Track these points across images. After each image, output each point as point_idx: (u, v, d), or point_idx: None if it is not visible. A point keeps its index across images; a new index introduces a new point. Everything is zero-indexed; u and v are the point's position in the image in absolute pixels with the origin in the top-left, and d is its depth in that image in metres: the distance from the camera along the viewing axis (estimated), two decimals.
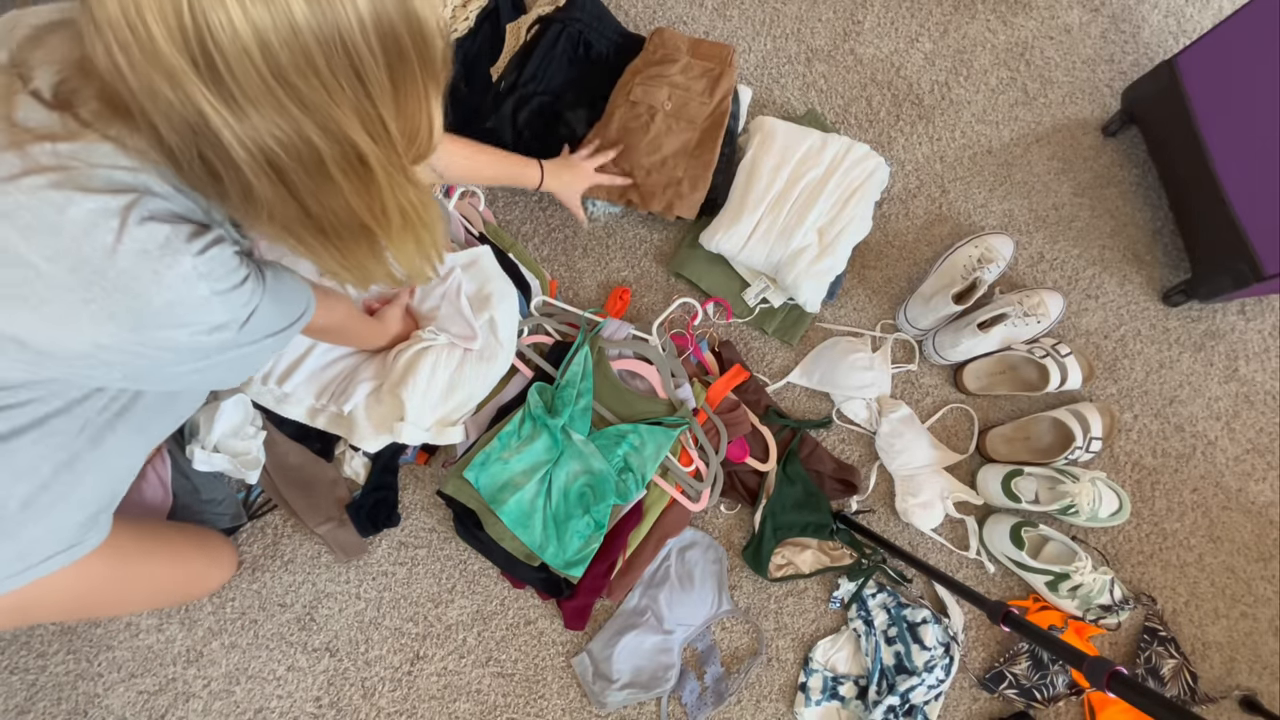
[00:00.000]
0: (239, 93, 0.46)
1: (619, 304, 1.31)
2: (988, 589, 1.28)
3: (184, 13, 0.43)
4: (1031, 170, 1.41)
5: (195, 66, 0.45)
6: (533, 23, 1.34)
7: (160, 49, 0.44)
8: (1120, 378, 1.34)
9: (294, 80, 0.46)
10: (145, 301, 0.56)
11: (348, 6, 0.46)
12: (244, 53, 0.44)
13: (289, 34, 0.45)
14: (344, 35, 0.46)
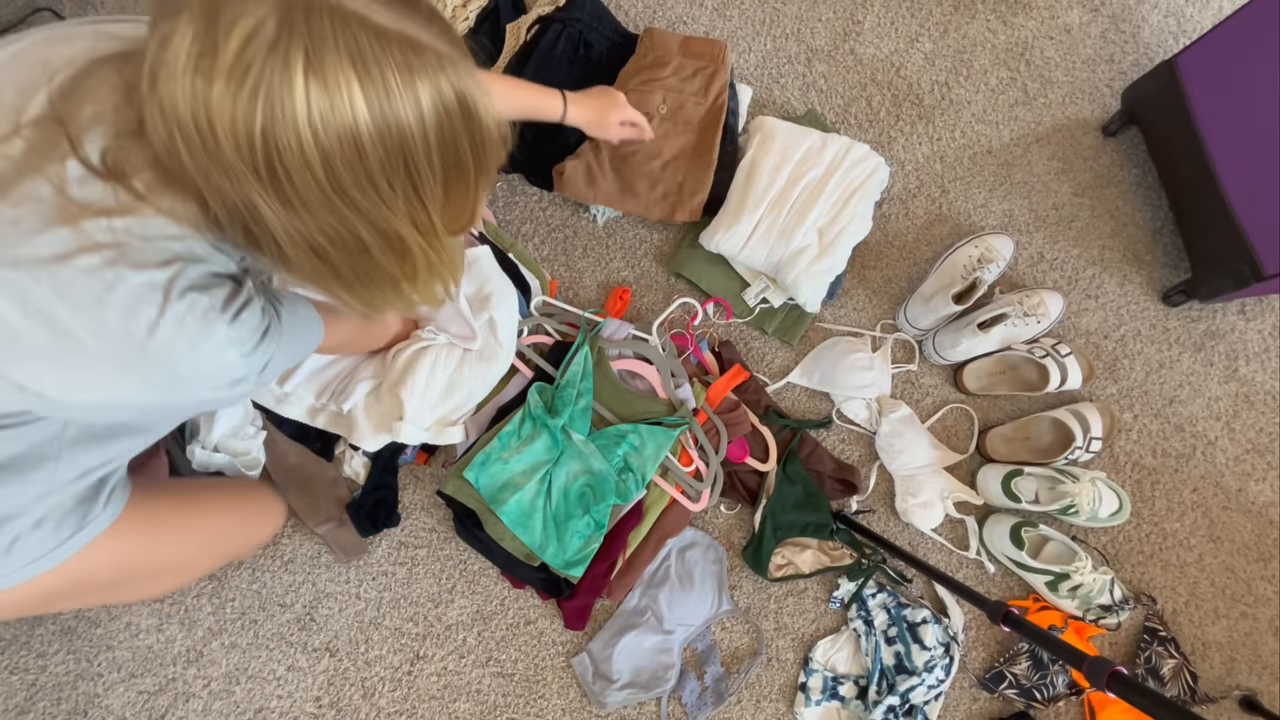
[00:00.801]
0: (296, 198, 0.46)
1: (619, 304, 1.31)
2: (988, 589, 1.28)
3: (255, 132, 0.43)
4: (1031, 170, 1.41)
5: (257, 174, 0.45)
6: (533, 23, 1.34)
7: (225, 156, 0.44)
8: (1120, 378, 1.34)
9: (352, 193, 0.47)
10: (178, 370, 0.58)
11: (415, 128, 0.45)
12: (307, 169, 0.44)
13: (354, 155, 0.45)
14: (407, 154, 0.46)
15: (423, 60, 0.45)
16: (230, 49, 0.41)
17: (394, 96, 0.44)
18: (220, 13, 0.41)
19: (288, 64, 0.42)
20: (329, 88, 0.42)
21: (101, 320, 0.54)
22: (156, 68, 0.44)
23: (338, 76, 0.42)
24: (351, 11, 0.43)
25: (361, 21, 0.43)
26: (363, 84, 0.43)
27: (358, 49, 0.42)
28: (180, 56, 0.42)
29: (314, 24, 0.42)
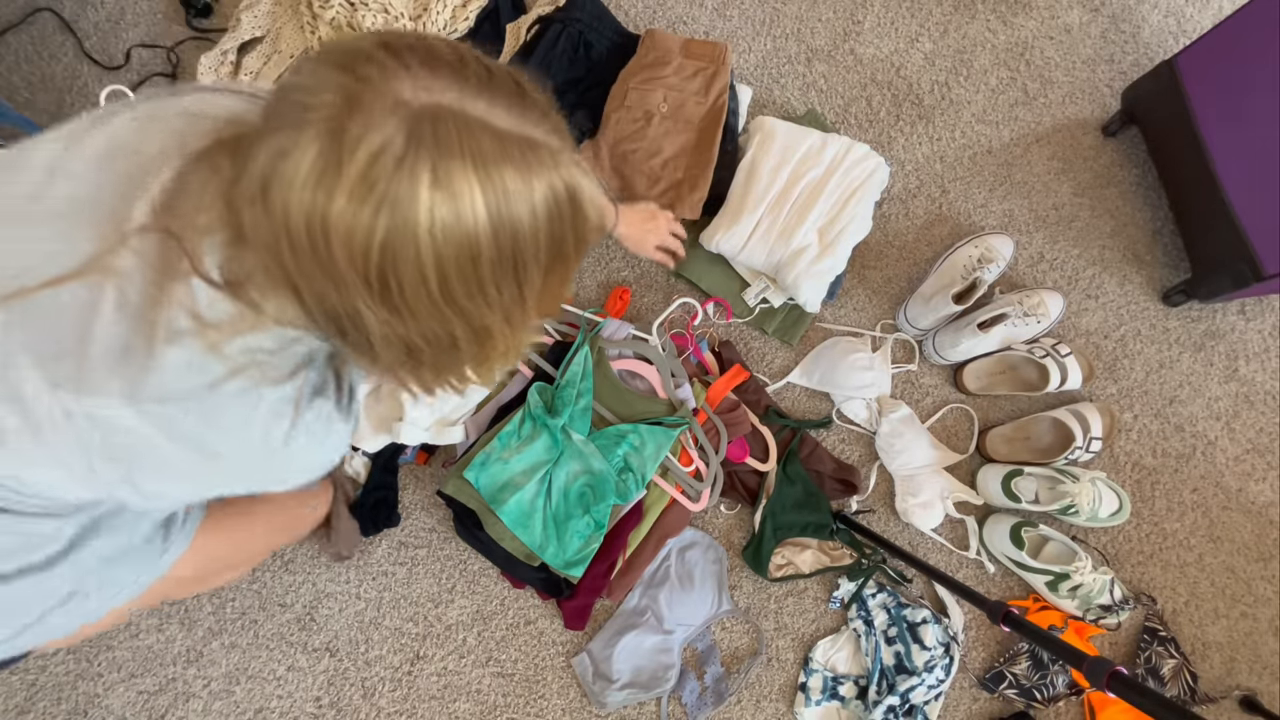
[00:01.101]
0: (404, 305, 0.45)
1: (619, 304, 1.31)
2: (988, 589, 1.28)
3: (373, 245, 0.42)
4: (1031, 170, 1.41)
5: (367, 284, 0.44)
6: (533, 23, 1.34)
7: (338, 266, 0.43)
8: (1120, 378, 1.34)
9: (460, 299, 0.46)
10: (298, 466, 0.61)
11: (528, 229, 0.45)
12: (421, 279, 0.44)
13: (468, 262, 0.44)
14: (518, 254, 0.45)
15: (539, 159, 0.44)
16: (356, 166, 0.40)
17: (512, 199, 0.43)
18: (347, 130, 0.40)
19: (414, 178, 0.40)
20: (454, 197, 0.41)
21: (245, 438, 0.55)
22: (271, 179, 0.42)
23: (461, 185, 0.41)
24: (475, 118, 0.42)
25: (484, 126, 0.42)
26: (484, 190, 0.42)
27: (481, 155, 0.41)
28: (301, 171, 0.41)
29: (440, 135, 0.41)
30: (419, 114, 0.41)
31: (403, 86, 0.41)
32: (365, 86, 0.41)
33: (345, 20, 1.28)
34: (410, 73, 0.41)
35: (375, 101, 0.40)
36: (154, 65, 1.36)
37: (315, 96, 0.41)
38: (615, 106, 1.30)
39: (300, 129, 0.41)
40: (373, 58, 0.41)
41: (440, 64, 0.42)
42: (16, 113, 1.26)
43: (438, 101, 0.41)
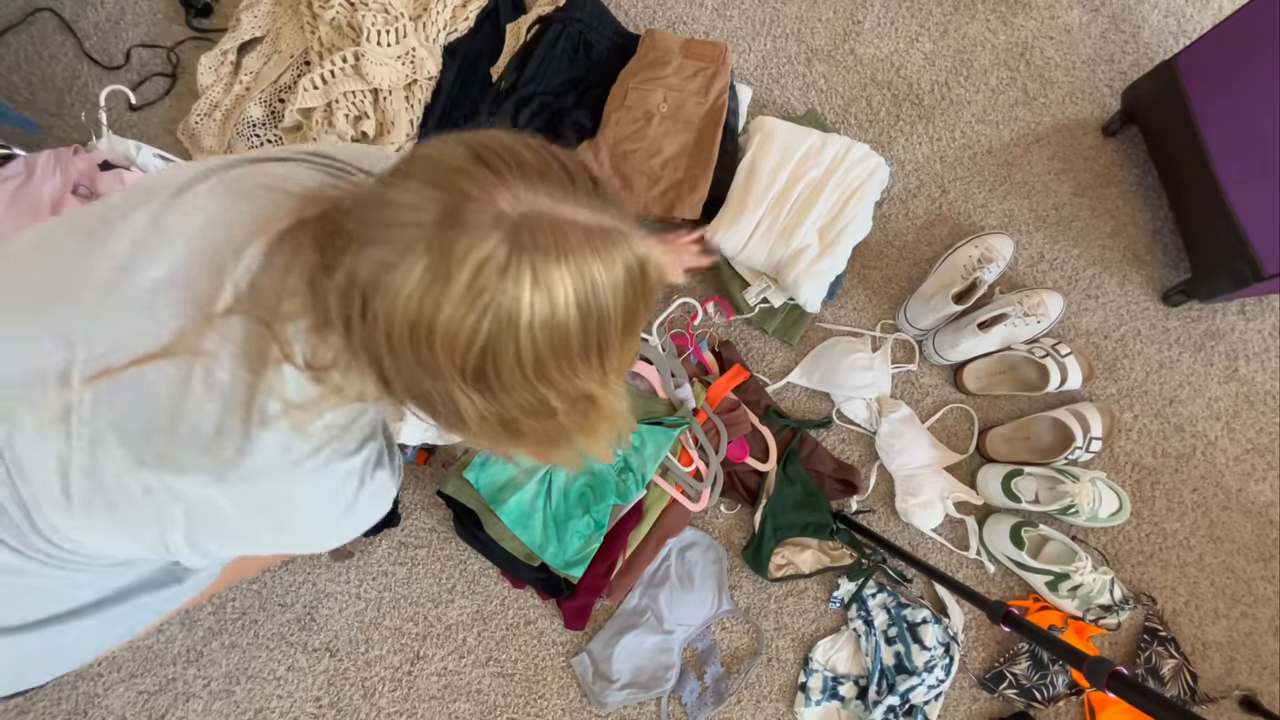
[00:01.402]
0: (499, 388, 0.47)
1: None
2: (988, 589, 1.28)
3: (475, 346, 0.44)
4: (1031, 170, 1.41)
5: (463, 375, 0.46)
6: (533, 23, 1.34)
7: (438, 362, 0.45)
8: (1120, 378, 1.34)
9: (552, 375, 0.48)
10: (351, 529, 0.63)
11: (610, 308, 0.47)
12: (518, 366, 0.46)
13: (561, 346, 0.46)
14: (602, 330, 0.48)
15: (615, 243, 0.46)
16: (464, 278, 0.42)
17: (598, 286, 0.46)
18: (454, 246, 0.42)
19: (518, 282, 0.43)
20: (550, 294, 0.44)
21: (315, 510, 0.58)
22: (374, 291, 0.44)
23: (557, 283, 0.44)
24: (564, 219, 0.44)
25: (572, 225, 0.45)
26: (575, 283, 0.45)
27: (572, 253, 0.44)
28: (408, 285, 0.43)
29: (539, 240, 0.43)
30: (518, 223, 0.43)
31: (500, 199, 0.43)
32: (466, 203, 0.43)
33: (345, 20, 1.28)
34: (505, 184, 0.44)
35: (477, 216, 0.43)
36: (154, 65, 1.36)
37: (418, 214, 0.43)
38: (615, 106, 1.30)
39: (406, 246, 0.43)
40: (468, 173, 0.44)
41: (529, 170, 0.45)
42: (17, 113, 1.26)
43: (532, 209, 0.44)
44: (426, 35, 1.31)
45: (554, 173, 0.46)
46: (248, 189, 0.55)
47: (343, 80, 1.25)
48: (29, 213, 1.07)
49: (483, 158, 0.45)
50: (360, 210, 0.47)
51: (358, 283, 0.45)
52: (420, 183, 0.44)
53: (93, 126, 1.22)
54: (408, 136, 1.29)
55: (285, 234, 0.52)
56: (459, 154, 0.45)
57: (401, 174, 0.46)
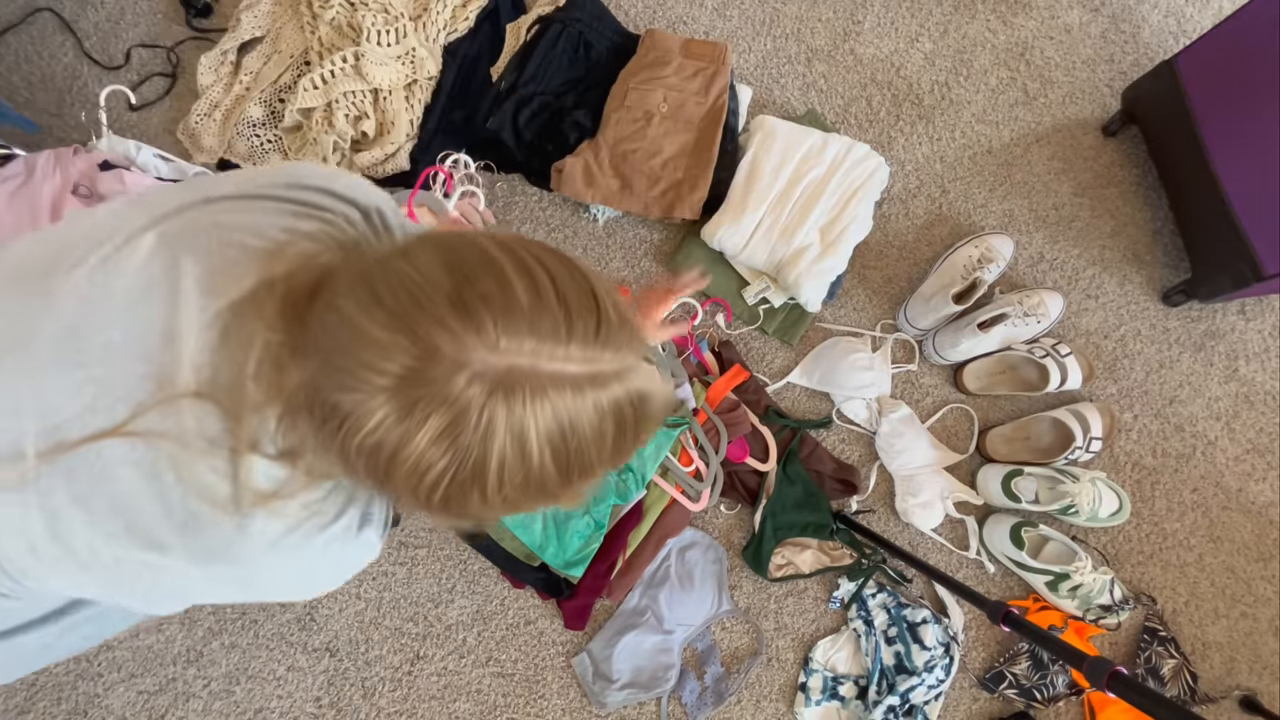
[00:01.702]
0: (464, 514, 0.45)
1: None
2: (988, 589, 1.28)
3: (439, 488, 0.41)
4: (1031, 170, 1.41)
5: (428, 504, 0.43)
6: (533, 23, 1.34)
7: (401, 490, 0.43)
8: (1120, 378, 1.34)
9: (525, 505, 0.45)
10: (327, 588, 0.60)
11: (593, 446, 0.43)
12: (483, 505, 0.43)
13: (537, 489, 0.43)
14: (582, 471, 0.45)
15: (607, 386, 0.43)
16: (427, 433, 0.39)
17: (581, 434, 0.42)
18: (418, 404, 0.39)
19: (487, 439, 0.40)
20: (523, 446, 0.41)
21: (290, 577, 0.56)
22: (336, 410, 0.41)
23: (531, 436, 0.41)
24: (548, 373, 0.40)
25: (556, 379, 0.40)
26: (551, 436, 0.41)
27: (553, 408, 0.41)
28: (370, 423, 0.40)
29: (513, 401, 0.40)
30: (494, 382, 0.39)
31: (474, 354, 0.39)
32: (434, 359, 0.39)
33: (345, 20, 1.28)
34: (482, 336, 0.39)
35: (445, 375, 0.39)
36: (154, 65, 1.36)
37: (383, 360, 0.39)
38: (615, 106, 1.30)
39: (369, 391, 0.39)
40: (441, 322, 0.39)
41: (517, 314, 0.40)
42: (16, 113, 1.26)
43: (511, 364, 0.39)
44: (426, 35, 1.31)
45: (548, 315, 0.41)
46: (197, 244, 0.50)
47: (343, 80, 1.25)
48: (29, 213, 1.07)
49: (463, 301, 0.39)
50: (325, 317, 0.42)
51: (320, 394, 0.42)
52: (389, 316, 0.40)
53: (93, 126, 1.22)
54: (407, 136, 1.29)
55: (242, 302, 0.47)
56: (438, 296, 0.40)
57: (371, 290, 0.41)
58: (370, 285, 0.41)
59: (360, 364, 0.40)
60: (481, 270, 0.41)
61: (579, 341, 0.41)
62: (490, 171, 1.35)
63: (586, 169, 1.28)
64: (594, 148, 1.30)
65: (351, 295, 0.42)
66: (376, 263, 0.43)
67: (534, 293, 0.41)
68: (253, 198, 0.53)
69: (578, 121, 1.32)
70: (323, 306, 0.43)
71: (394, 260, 0.42)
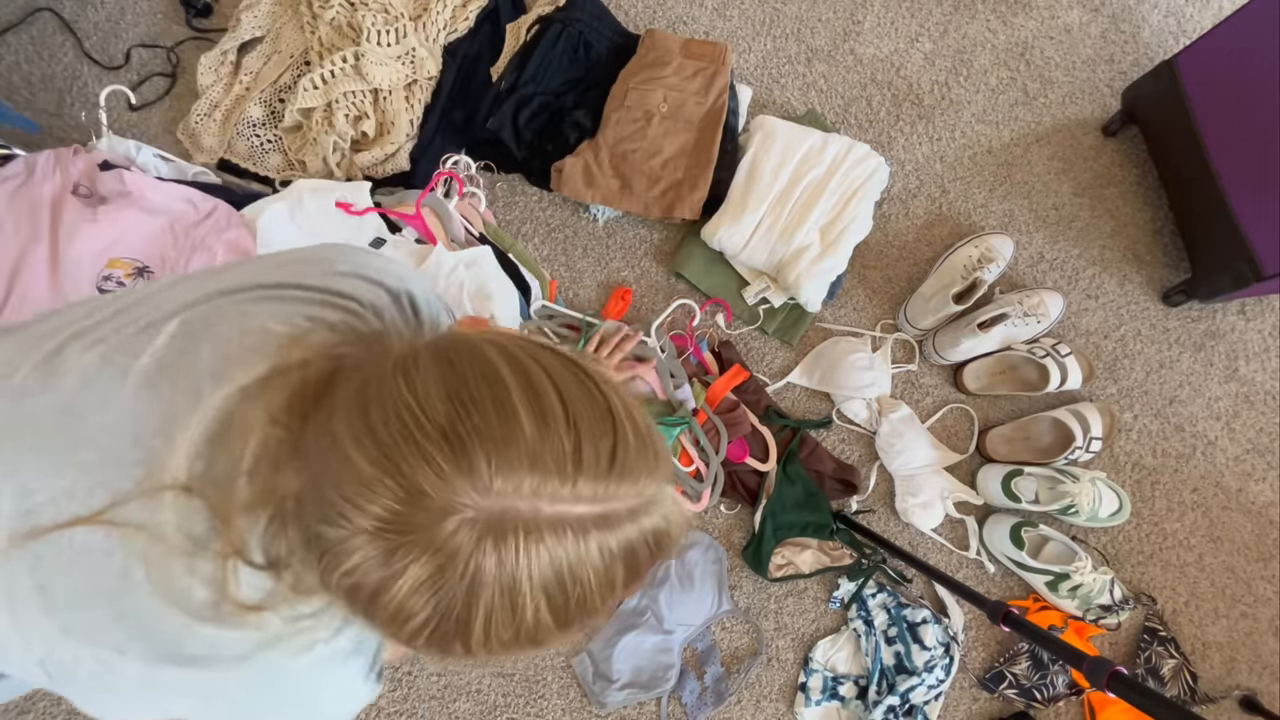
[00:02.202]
0: (449, 656, 0.41)
1: (620, 304, 1.31)
2: (988, 589, 1.28)
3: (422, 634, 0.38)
4: (1031, 170, 1.41)
5: (412, 643, 0.40)
6: (533, 23, 1.34)
7: (384, 629, 0.39)
8: (1120, 378, 1.34)
9: (514, 650, 0.41)
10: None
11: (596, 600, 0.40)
12: (466, 654, 0.39)
13: (528, 636, 0.39)
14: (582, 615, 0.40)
15: (618, 528, 0.38)
16: (407, 583, 0.36)
17: (582, 579, 0.38)
18: (397, 552, 0.36)
19: (472, 594, 0.36)
20: (515, 601, 0.37)
21: (277, 700, 0.50)
22: (318, 540, 0.38)
23: (524, 592, 0.37)
24: (548, 517, 0.36)
25: (556, 523, 0.36)
26: (548, 590, 0.37)
27: (551, 558, 0.36)
28: (350, 562, 0.37)
29: (504, 550, 0.36)
30: (483, 528, 0.35)
31: (463, 500, 0.35)
32: (419, 505, 0.35)
33: (345, 20, 1.28)
34: (474, 478, 0.35)
35: (433, 521, 0.35)
36: (154, 65, 1.36)
37: (364, 499, 0.36)
38: (615, 106, 1.30)
39: (350, 531, 0.36)
40: (431, 462, 0.35)
41: (515, 450, 0.36)
42: (16, 113, 1.26)
43: (505, 507, 0.36)
44: (426, 35, 1.31)
45: (553, 447, 0.37)
46: (218, 331, 0.48)
47: (343, 80, 1.25)
48: (28, 213, 1.07)
49: (457, 436, 0.36)
50: (320, 436, 0.39)
51: (306, 514, 0.39)
52: (377, 451, 0.36)
53: (93, 126, 1.22)
54: (407, 136, 1.29)
55: (251, 387, 0.44)
56: (433, 422, 0.36)
57: (364, 414, 0.38)
58: (365, 408, 0.38)
59: (344, 498, 0.36)
60: (483, 395, 0.37)
61: (588, 476, 0.37)
62: (490, 171, 1.36)
63: (586, 169, 1.28)
64: (594, 148, 1.30)
65: (346, 418, 0.38)
66: (378, 377, 0.39)
67: (539, 420, 0.37)
68: (283, 287, 0.51)
69: (578, 121, 1.32)
70: (322, 420, 0.40)
71: (394, 379, 0.39)
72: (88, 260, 1.05)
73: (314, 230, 1.11)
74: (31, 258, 1.04)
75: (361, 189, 1.15)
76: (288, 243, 1.09)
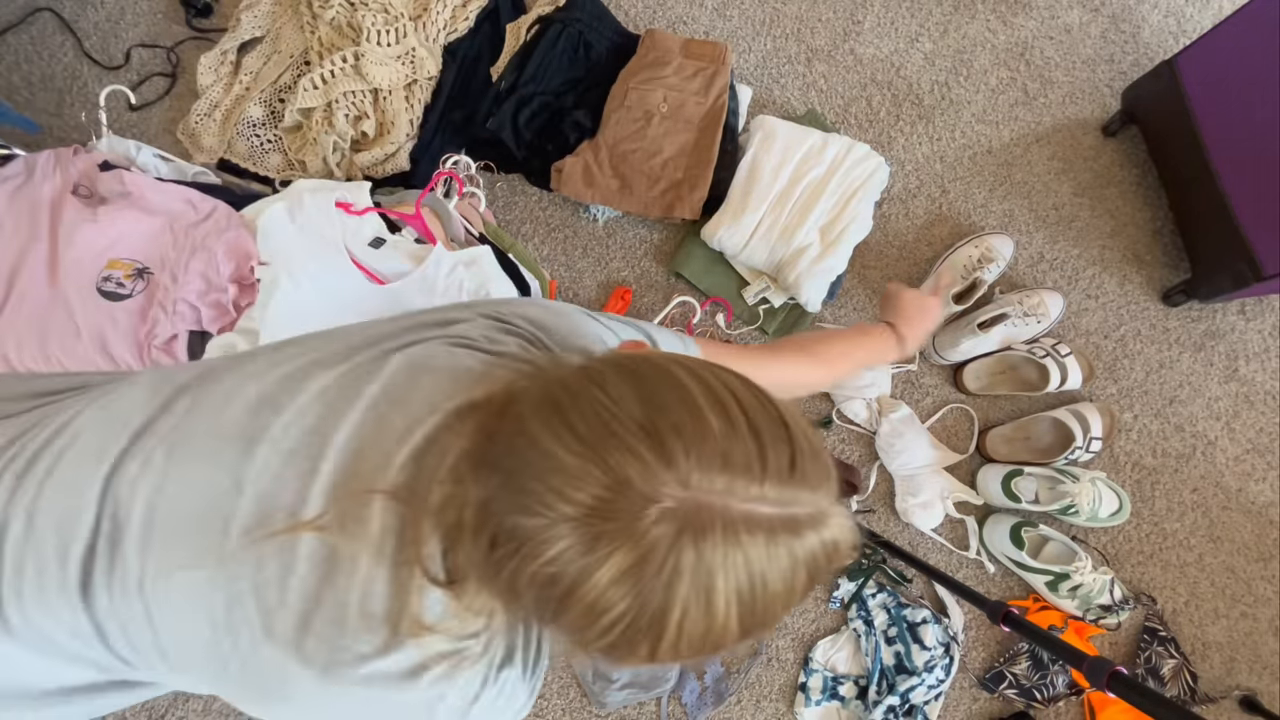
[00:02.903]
0: (629, 659, 0.41)
1: (620, 304, 1.31)
2: (988, 589, 1.28)
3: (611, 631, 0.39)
4: (1031, 170, 1.41)
5: (589, 646, 0.41)
6: (533, 23, 1.34)
7: (566, 630, 0.41)
8: (1120, 378, 1.34)
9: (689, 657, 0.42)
10: None
11: (778, 607, 0.41)
12: (650, 655, 0.40)
13: (712, 643, 0.40)
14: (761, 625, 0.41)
15: (799, 534, 0.40)
16: (609, 571, 0.37)
17: (769, 584, 0.39)
18: (603, 538, 0.37)
19: (671, 584, 0.37)
20: (708, 598, 0.38)
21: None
22: (512, 534, 0.39)
23: (718, 588, 0.38)
24: (739, 512, 0.38)
25: (748, 520, 0.38)
26: (739, 587, 0.38)
27: (743, 554, 0.38)
28: (549, 553, 0.38)
29: (705, 537, 0.37)
30: (682, 520, 0.37)
31: (665, 489, 0.37)
32: (625, 490, 0.37)
33: (345, 20, 1.28)
34: (674, 470, 0.37)
35: (634, 509, 0.37)
36: (154, 65, 1.36)
37: (571, 488, 0.38)
38: (615, 106, 1.30)
39: (552, 520, 0.38)
40: (635, 452, 0.37)
41: (709, 449, 0.38)
42: (17, 113, 1.26)
43: (703, 501, 0.37)
44: (426, 35, 1.31)
45: (741, 451, 0.38)
46: (435, 364, 0.52)
47: (343, 80, 1.25)
48: (28, 213, 1.07)
49: (657, 431, 0.38)
50: (513, 439, 0.41)
51: (496, 515, 0.40)
52: (580, 443, 0.38)
53: (93, 126, 1.22)
54: (408, 136, 1.29)
55: (451, 415, 0.47)
56: (631, 419, 0.39)
57: (561, 414, 0.40)
58: (560, 409, 0.40)
59: (548, 489, 0.38)
60: (674, 399, 0.39)
61: (773, 479, 0.39)
62: (490, 171, 1.36)
63: (586, 169, 1.28)
64: (594, 148, 1.30)
65: (539, 417, 0.40)
66: (562, 386, 0.42)
67: (727, 423, 0.39)
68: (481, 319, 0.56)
69: (578, 121, 1.32)
70: (511, 426, 0.42)
71: (583, 385, 0.41)
72: (87, 261, 1.05)
73: (314, 230, 1.11)
74: (31, 258, 1.04)
75: (361, 189, 1.15)
76: (288, 243, 1.09)
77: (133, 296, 1.05)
